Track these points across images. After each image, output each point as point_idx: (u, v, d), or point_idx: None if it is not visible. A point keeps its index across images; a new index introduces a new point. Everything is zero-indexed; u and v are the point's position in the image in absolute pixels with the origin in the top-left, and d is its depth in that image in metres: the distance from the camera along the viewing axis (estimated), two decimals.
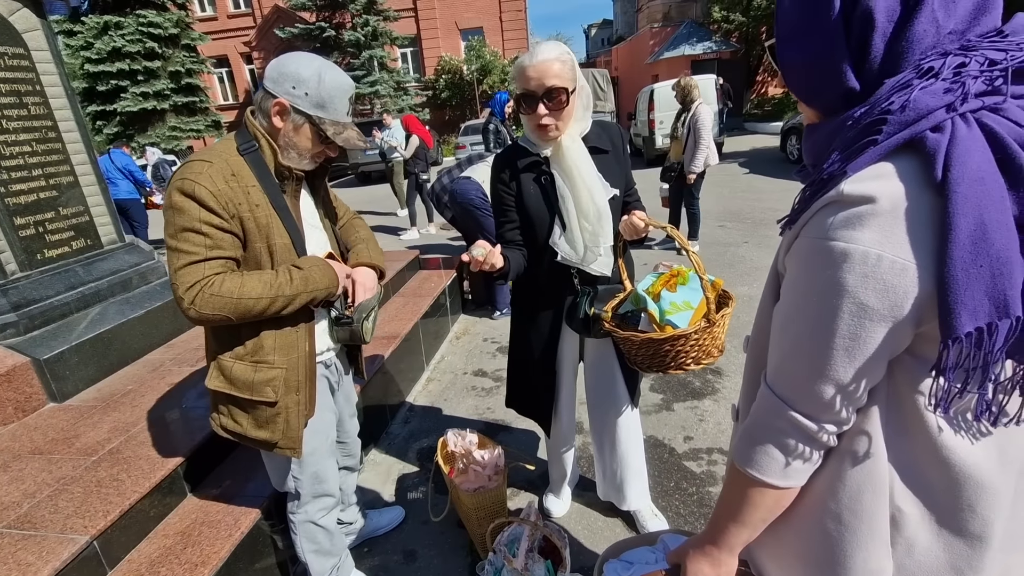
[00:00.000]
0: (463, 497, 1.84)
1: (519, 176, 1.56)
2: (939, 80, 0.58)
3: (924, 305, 0.58)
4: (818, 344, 0.64)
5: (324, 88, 1.27)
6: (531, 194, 1.56)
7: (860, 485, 0.68)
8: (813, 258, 0.63)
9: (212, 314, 1.24)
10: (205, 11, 22.79)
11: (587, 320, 1.58)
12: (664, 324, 1.32)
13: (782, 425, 0.70)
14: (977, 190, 0.54)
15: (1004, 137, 0.55)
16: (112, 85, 17.21)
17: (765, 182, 8.71)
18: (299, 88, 1.26)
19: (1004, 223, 0.54)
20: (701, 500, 2.08)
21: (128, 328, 2.69)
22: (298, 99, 1.27)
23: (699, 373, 3.02)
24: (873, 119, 0.60)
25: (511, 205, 1.59)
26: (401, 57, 22.44)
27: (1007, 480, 0.66)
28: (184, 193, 1.20)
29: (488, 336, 3.91)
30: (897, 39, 0.61)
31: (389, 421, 2.87)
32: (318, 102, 1.27)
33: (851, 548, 0.70)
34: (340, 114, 1.31)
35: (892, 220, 0.57)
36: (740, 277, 4.43)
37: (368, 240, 1.65)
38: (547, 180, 1.53)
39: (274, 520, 1.83)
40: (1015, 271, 0.54)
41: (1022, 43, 0.59)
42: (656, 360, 1.35)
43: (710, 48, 20.13)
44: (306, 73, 1.26)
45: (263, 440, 1.42)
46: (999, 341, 0.56)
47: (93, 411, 2.22)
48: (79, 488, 1.69)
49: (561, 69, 1.41)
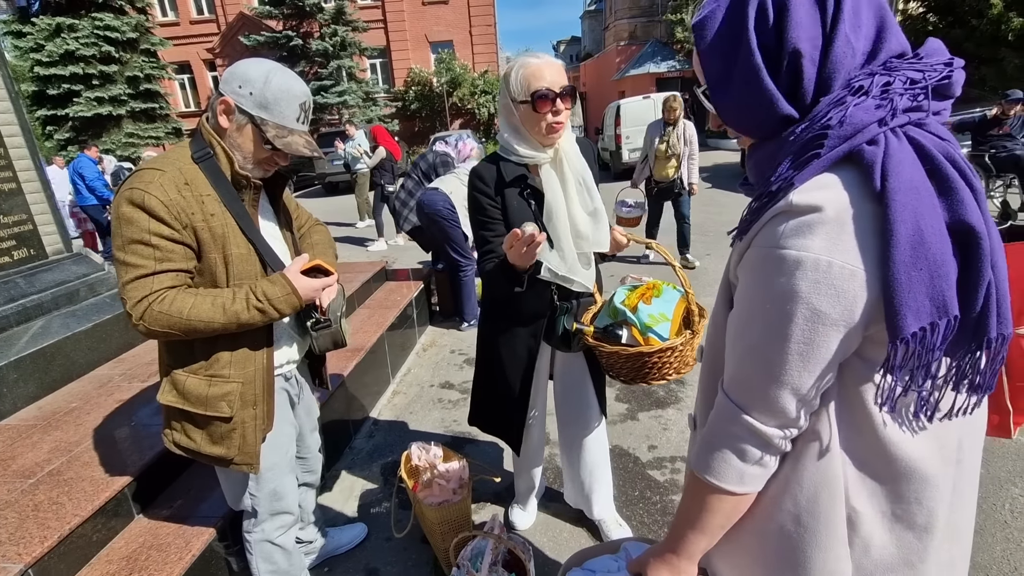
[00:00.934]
0: (427, 511, 1.80)
1: (503, 190, 1.53)
2: (869, 97, 0.62)
3: (872, 309, 0.61)
4: (773, 350, 0.65)
5: (269, 89, 1.24)
6: (516, 208, 1.52)
7: (816, 486, 0.70)
8: (766, 266, 0.65)
9: (161, 331, 1.20)
10: (167, 16, 22.18)
11: (567, 336, 1.57)
12: (647, 336, 1.34)
13: (738, 431, 0.71)
14: (913, 198, 0.58)
15: (930, 149, 0.60)
16: (64, 89, 16.49)
17: (726, 196, 8.98)
18: (244, 87, 1.24)
19: (938, 228, 0.58)
20: (665, 508, 2.10)
21: (73, 342, 2.56)
22: (243, 98, 1.25)
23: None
24: (815, 134, 0.64)
25: (496, 217, 1.54)
26: (371, 68, 22.30)
27: (947, 472, 0.69)
28: (133, 203, 1.16)
29: (455, 348, 3.88)
30: (824, 63, 0.65)
31: (352, 436, 2.80)
32: (261, 102, 1.25)
33: (811, 549, 0.71)
34: (286, 118, 1.28)
35: (839, 228, 0.60)
36: (702, 288, 4.53)
37: (319, 243, 1.61)
38: (529, 194, 1.51)
39: (229, 541, 1.75)
40: (950, 272, 0.58)
41: (936, 64, 0.64)
42: (640, 373, 1.37)
43: (674, 66, 20.80)
44: (254, 74, 1.24)
45: (218, 456, 1.37)
46: (939, 340, 0.59)
47: (32, 430, 2.10)
48: (13, 513, 1.59)
49: (566, 73, 1.47)
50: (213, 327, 1.23)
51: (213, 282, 1.29)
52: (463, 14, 22.09)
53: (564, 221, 1.47)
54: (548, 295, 1.58)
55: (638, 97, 12.35)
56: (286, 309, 1.31)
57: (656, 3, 22.97)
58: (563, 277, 1.49)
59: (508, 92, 1.44)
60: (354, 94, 19.02)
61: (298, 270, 1.34)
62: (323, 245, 1.60)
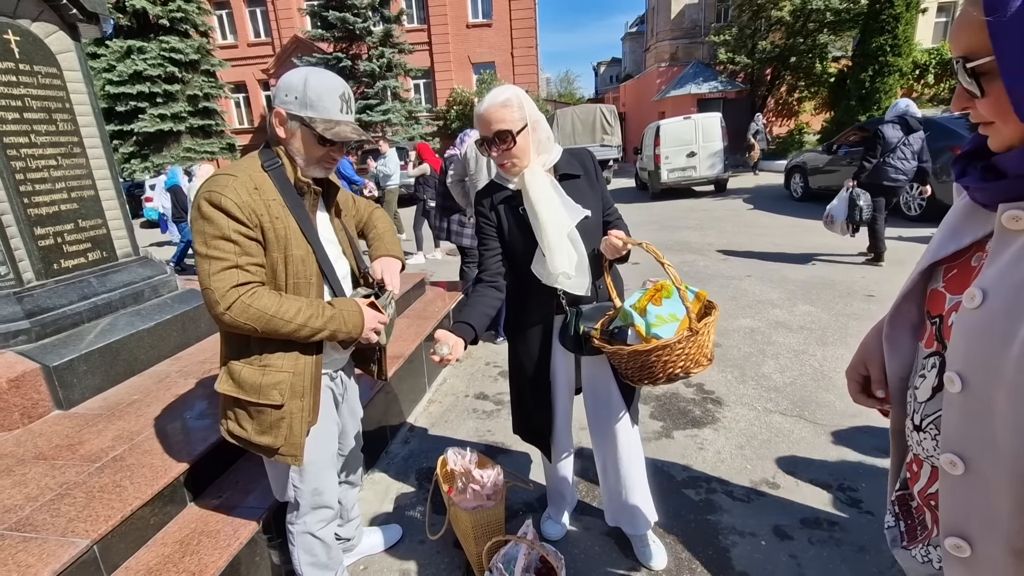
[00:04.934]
0: (461, 515, 1.84)
1: (497, 208, 1.69)
2: None
3: None
4: None
5: (310, 89, 1.34)
6: (509, 224, 1.67)
7: None
8: None
9: (243, 323, 1.30)
10: (227, 39, 23.55)
11: (578, 338, 1.63)
12: (651, 337, 1.36)
13: None
14: None
15: None
16: (131, 106, 17.75)
17: (769, 218, 8.81)
18: (289, 94, 1.35)
19: None
20: (699, 529, 2.06)
21: (136, 340, 2.74)
22: (290, 104, 1.36)
23: (700, 402, 3.03)
24: None
25: (492, 235, 1.70)
26: (414, 88, 23.01)
27: None
28: (212, 204, 1.27)
29: (490, 360, 3.93)
30: None
31: (389, 440, 2.87)
32: (305, 103, 1.35)
33: None
34: (330, 111, 1.37)
35: None
36: (742, 310, 4.46)
37: (386, 233, 1.75)
38: (523, 211, 1.63)
39: (272, 534, 1.83)
40: None
41: None
42: (645, 372, 1.39)
43: (716, 87, 20.63)
44: (294, 80, 1.36)
45: (266, 446, 1.45)
46: None
47: (98, 419, 2.25)
48: (82, 493, 1.71)
49: (506, 113, 1.52)
50: (289, 328, 1.34)
51: (272, 280, 1.39)
52: (505, 36, 22.62)
53: (543, 238, 1.57)
54: (553, 300, 1.69)
55: (679, 118, 12.32)
56: (352, 326, 1.43)
57: (699, 25, 22.96)
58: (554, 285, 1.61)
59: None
60: (398, 112, 19.64)
61: (364, 304, 1.48)
62: (390, 233, 1.76)
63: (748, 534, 2.02)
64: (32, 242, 2.51)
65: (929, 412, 0.76)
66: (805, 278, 5.30)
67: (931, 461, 0.78)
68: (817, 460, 2.43)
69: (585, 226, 1.62)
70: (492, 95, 1.55)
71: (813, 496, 2.19)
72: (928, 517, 0.83)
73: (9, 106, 2.43)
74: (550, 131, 1.64)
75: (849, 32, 16.40)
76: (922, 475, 0.81)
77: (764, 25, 18.38)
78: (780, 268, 5.75)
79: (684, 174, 11.90)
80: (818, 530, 2.01)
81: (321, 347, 1.49)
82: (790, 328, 4.02)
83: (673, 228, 8.75)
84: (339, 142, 1.39)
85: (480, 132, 1.58)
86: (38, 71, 2.57)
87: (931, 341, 0.77)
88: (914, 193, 7.28)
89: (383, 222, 1.78)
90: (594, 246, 1.64)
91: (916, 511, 0.88)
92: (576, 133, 15.30)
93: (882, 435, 2.54)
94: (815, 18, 16.79)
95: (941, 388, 0.72)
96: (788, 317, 4.25)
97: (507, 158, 1.57)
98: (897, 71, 13.20)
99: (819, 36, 17.04)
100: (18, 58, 2.48)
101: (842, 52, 17.28)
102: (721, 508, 2.17)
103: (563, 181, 1.64)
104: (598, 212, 1.70)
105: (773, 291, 4.98)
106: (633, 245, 1.53)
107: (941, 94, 16.52)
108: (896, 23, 12.76)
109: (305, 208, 1.43)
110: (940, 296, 0.77)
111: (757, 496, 2.22)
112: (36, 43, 2.58)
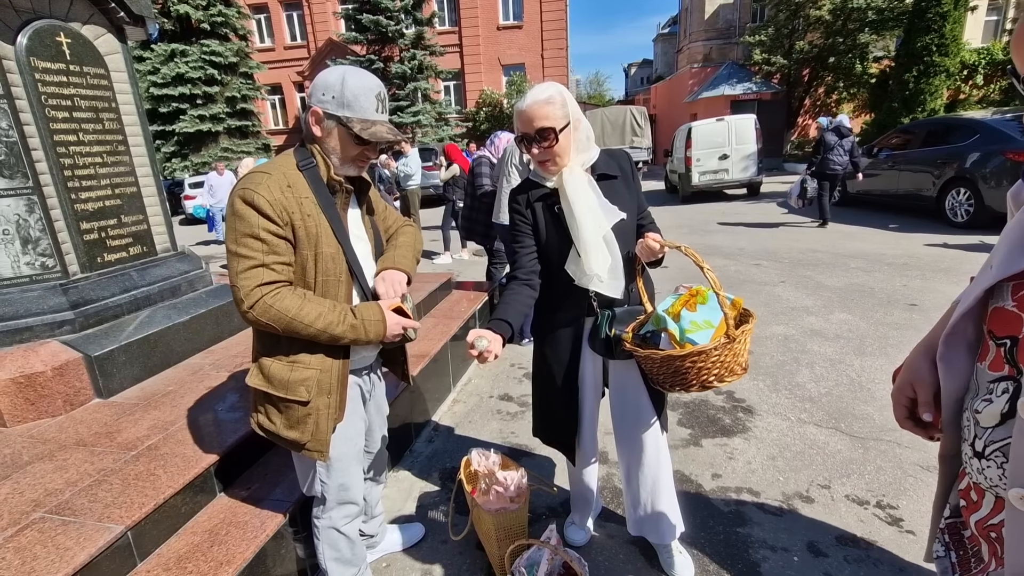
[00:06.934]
0: (484, 517, 1.83)
1: (533, 206, 1.65)
2: None
3: None
4: None
5: (348, 88, 1.35)
6: (545, 222, 1.64)
7: None
8: None
9: (265, 322, 1.33)
10: (264, 42, 24.21)
11: (608, 341, 1.60)
12: (684, 342, 1.33)
13: None
14: None
15: None
16: (173, 107, 18.43)
17: (803, 223, 8.57)
18: (327, 94, 1.36)
19: None
20: (728, 540, 2.01)
21: (173, 332, 2.82)
22: (327, 103, 1.36)
23: (730, 410, 2.95)
24: None
25: (527, 232, 1.67)
26: (444, 89, 23.23)
27: None
28: (245, 201, 1.29)
29: (515, 361, 3.92)
30: None
31: (413, 439, 2.89)
32: (342, 102, 1.35)
33: None
34: (367, 111, 1.38)
35: None
36: (775, 316, 4.34)
37: (402, 246, 1.65)
38: (559, 209, 1.60)
39: (298, 527, 1.85)
40: None
41: None
42: (678, 378, 1.35)
43: (750, 89, 20.21)
44: (332, 79, 1.36)
45: (293, 440, 1.47)
46: None
47: (135, 408, 2.32)
48: (118, 480, 1.76)
49: (550, 110, 1.49)
50: (309, 332, 1.35)
51: (302, 277, 1.40)
52: (536, 38, 22.63)
53: (579, 238, 1.54)
54: (585, 302, 1.66)
55: (711, 119, 12.09)
56: (373, 334, 1.43)
57: (733, 25, 22.56)
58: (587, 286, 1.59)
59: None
60: (427, 114, 19.85)
61: (388, 308, 1.47)
62: (405, 248, 1.66)
63: (780, 549, 1.95)
64: (78, 236, 2.61)
65: (996, 439, 0.71)
66: (842, 285, 5.13)
67: (995, 491, 0.72)
68: (854, 474, 2.33)
69: (621, 228, 1.59)
70: (535, 91, 1.52)
71: (849, 512, 2.11)
72: (985, 549, 0.77)
73: (60, 105, 2.54)
74: (591, 130, 1.61)
75: (892, 31, 15.86)
76: (984, 505, 0.76)
77: (802, 24, 17.94)
78: (815, 274, 5.58)
79: (716, 177, 11.69)
80: (855, 548, 1.93)
81: (348, 346, 1.50)
82: (826, 336, 3.89)
83: (704, 232, 8.59)
84: (375, 142, 1.40)
85: (521, 129, 1.55)
86: (87, 72, 2.67)
87: (999, 364, 0.71)
88: (961, 199, 6.99)
89: (405, 236, 1.70)
90: (628, 249, 1.61)
91: (970, 541, 0.82)
92: (606, 134, 15.21)
93: (924, 450, 2.43)
94: (856, 17, 16.30)
95: (1012, 415, 0.66)
96: (824, 325, 4.12)
97: (548, 156, 1.54)
98: (944, 71, 12.71)
99: (859, 35, 16.53)
100: (69, 59, 2.59)
101: (884, 52, 16.72)
102: (752, 521, 2.10)
103: (600, 181, 1.62)
104: (633, 215, 1.67)
105: (808, 298, 4.84)
106: (671, 248, 1.49)
107: (991, 95, 15.80)
108: (943, 22, 12.29)
109: (336, 207, 1.44)
110: (1010, 316, 0.70)
111: (790, 510, 2.15)
112: (86, 45, 2.68)
